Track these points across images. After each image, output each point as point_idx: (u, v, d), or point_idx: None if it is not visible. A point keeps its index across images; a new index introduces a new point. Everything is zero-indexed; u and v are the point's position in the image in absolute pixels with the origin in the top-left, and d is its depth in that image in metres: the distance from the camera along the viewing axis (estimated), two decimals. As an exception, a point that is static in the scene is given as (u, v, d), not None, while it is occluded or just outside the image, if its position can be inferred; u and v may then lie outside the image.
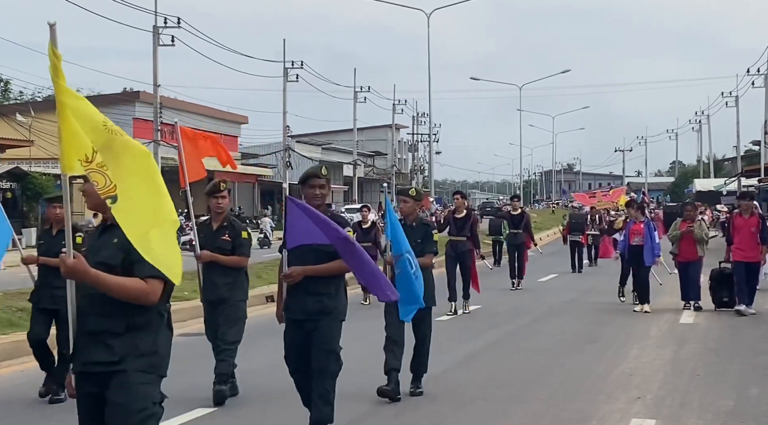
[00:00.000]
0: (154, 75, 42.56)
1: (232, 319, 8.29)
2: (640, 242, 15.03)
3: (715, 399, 8.31)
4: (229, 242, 8.31)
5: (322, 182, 6.75)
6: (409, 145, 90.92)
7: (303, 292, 6.52)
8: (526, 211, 21.97)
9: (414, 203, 8.68)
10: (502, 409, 7.94)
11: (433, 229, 8.67)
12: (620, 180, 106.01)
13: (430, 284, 8.32)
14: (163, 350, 4.22)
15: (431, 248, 8.58)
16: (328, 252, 6.44)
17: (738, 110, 65.26)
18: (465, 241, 15.10)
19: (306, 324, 6.54)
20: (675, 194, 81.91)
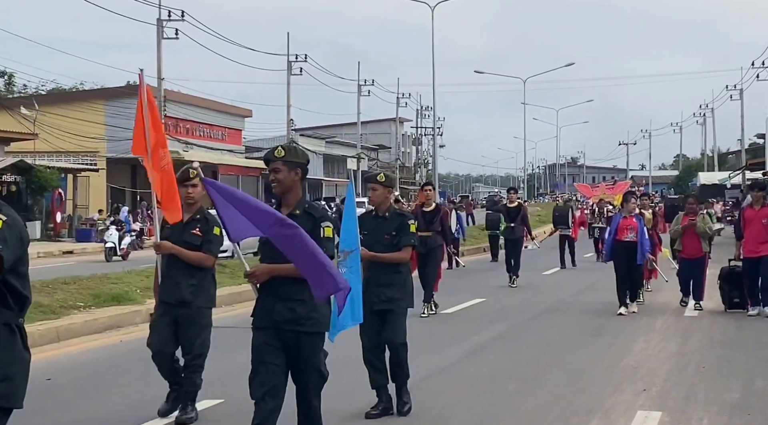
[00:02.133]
0: (158, 68, 42.59)
1: (196, 328, 7.25)
2: (633, 239, 13.83)
3: (721, 392, 8.31)
4: (199, 236, 7.26)
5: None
6: (413, 138, 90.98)
7: (272, 296, 5.46)
8: (523, 204, 20.92)
9: (384, 190, 7.62)
10: (508, 402, 7.95)
11: (410, 219, 7.66)
12: (624, 174, 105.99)
13: (408, 284, 7.61)
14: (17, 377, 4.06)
15: (408, 240, 7.54)
16: None
17: (742, 103, 65.27)
18: (435, 236, 14.06)
19: (281, 333, 5.49)
20: (679, 188, 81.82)
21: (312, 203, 5.73)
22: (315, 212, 5.60)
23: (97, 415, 7.54)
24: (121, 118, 47.38)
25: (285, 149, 5.58)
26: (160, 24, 42.32)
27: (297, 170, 5.57)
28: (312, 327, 5.49)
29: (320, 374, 5.63)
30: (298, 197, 5.63)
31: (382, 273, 7.45)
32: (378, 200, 7.62)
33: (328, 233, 5.53)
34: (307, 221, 5.47)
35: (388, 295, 7.45)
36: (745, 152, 64.01)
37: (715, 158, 79.49)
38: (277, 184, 5.56)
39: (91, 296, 13.64)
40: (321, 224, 5.52)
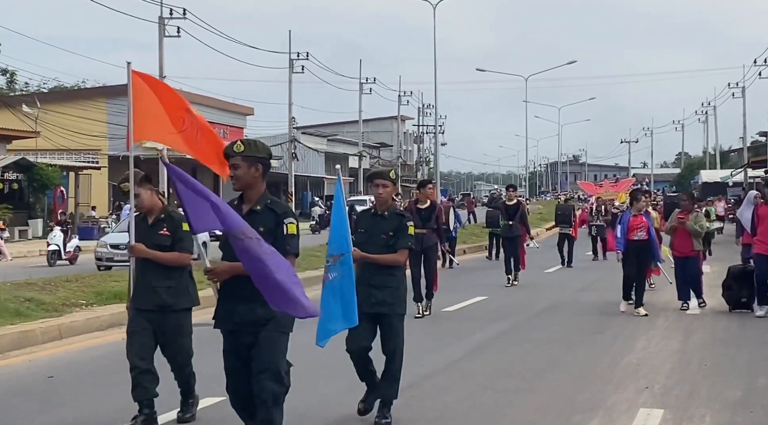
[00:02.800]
0: (160, 66, 42.51)
1: (182, 334, 7.10)
2: (643, 237, 13.48)
3: (724, 389, 8.31)
4: (168, 236, 6.96)
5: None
6: (414, 136, 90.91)
7: (233, 297, 5.26)
8: (522, 201, 20.21)
9: (393, 187, 7.35)
10: (510, 400, 7.95)
11: (408, 220, 7.20)
12: (626, 172, 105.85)
13: (402, 288, 7.18)
14: None
15: (406, 242, 7.08)
16: None
17: (744, 100, 65.18)
18: (430, 234, 13.67)
19: (242, 335, 5.31)
20: (681, 186, 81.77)
21: (275, 199, 5.46)
22: (277, 208, 5.36)
23: (99, 413, 7.54)
24: (123, 116, 46.87)
25: (244, 143, 5.40)
26: (161, 22, 42.27)
27: (257, 165, 5.39)
28: (273, 329, 5.24)
29: (277, 377, 5.26)
30: (260, 192, 5.42)
31: (375, 274, 7.01)
32: (387, 197, 7.26)
33: (292, 229, 5.30)
34: (269, 217, 5.29)
35: (380, 297, 7.00)
36: (747, 149, 63.93)
37: (717, 155, 79.41)
38: (236, 180, 5.36)
39: (93, 294, 13.64)
40: (284, 221, 5.30)
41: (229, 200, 5.59)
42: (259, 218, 5.24)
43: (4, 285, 13.50)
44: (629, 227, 13.47)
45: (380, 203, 7.23)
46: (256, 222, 5.19)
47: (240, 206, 5.40)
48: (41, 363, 9.89)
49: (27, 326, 11.31)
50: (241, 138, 5.60)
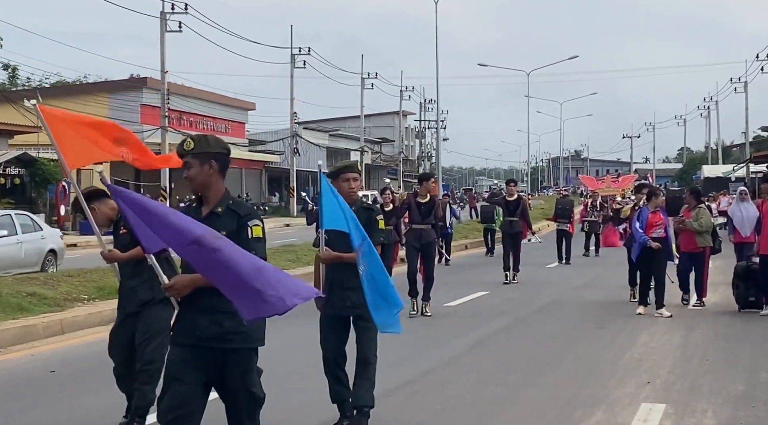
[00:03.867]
0: (162, 61, 42.55)
1: (152, 329, 6.80)
2: (662, 235, 12.94)
3: (725, 384, 8.31)
4: (127, 234, 6.84)
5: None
6: (416, 131, 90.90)
7: (195, 309, 4.75)
8: (523, 196, 19.59)
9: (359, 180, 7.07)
10: (512, 394, 7.95)
11: (377, 214, 6.96)
12: (628, 167, 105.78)
13: None
14: None
15: (377, 238, 6.77)
16: None
17: (747, 95, 65.17)
18: (430, 230, 13.39)
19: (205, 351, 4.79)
20: (683, 181, 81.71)
21: (237, 200, 5.00)
22: (240, 210, 4.88)
23: (100, 407, 7.55)
24: (125, 111, 47.38)
25: (194, 140, 4.92)
26: (163, 17, 42.29)
27: (210, 162, 4.88)
28: (241, 342, 4.79)
29: (252, 396, 4.91)
30: (220, 192, 4.92)
31: (348, 275, 6.58)
32: (356, 191, 6.94)
33: (257, 232, 4.83)
34: (231, 220, 4.83)
35: (354, 300, 6.63)
36: (749, 144, 63.90)
37: (719, 150, 79.36)
38: (190, 181, 4.90)
39: (95, 289, 13.65)
40: (248, 224, 4.83)
41: (186, 205, 5.30)
42: (220, 222, 4.79)
43: (6, 280, 13.52)
44: (648, 224, 12.90)
45: (352, 196, 6.87)
46: (216, 226, 4.73)
47: (198, 209, 4.94)
48: (43, 357, 9.90)
49: (29, 320, 11.33)
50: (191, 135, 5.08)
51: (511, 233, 18.02)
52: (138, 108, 48.36)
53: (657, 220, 12.95)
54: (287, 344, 10.29)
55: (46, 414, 7.37)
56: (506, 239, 18.17)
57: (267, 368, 9.11)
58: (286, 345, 10.31)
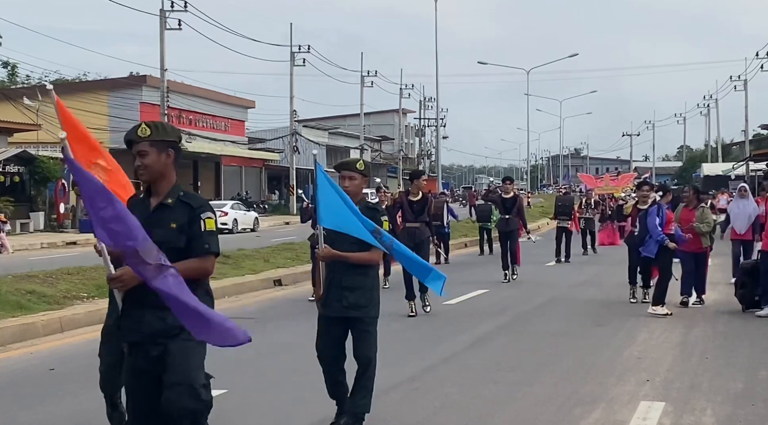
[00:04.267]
0: (161, 59, 42.54)
1: None
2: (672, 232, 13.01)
3: (725, 382, 8.31)
4: None
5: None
6: (416, 130, 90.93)
7: (140, 304, 4.53)
8: (519, 194, 19.49)
9: (362, 179, 6.67)
10: (511, 392, 7.94)
11: (382, 214, 6.62)
12: (628, 165, 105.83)
13: (375, 290, 6.63)
14: None
15: None
16: (178, 248, 4.58)
17: (746, 93, 65.23)
18: (423, 228, 13.33)
19: (150, 348, 4.57)
20: (683, 179, 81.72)
21: (188, 191, 4.76)
22: (193, 201, 4.65)
23: (100, 406, 7.53)
24: (125, 109, 47.40)
25: (151, 127, 4.65)
26: (163, 15, 42.29)
27: (168, 150, 4.66)
28: (187, 336, 4.49)
29: (193, 392, 4.55)
30: (171, 183, 4.69)
31: (346, 275, 6.42)
32: (355, 190, 6.62)
33: (210, 225, 4.62)
34: (183, 212, 4.61)
35: (352, 300, 6.44)
36: (749, 142, 63.91)
37: (718, 148, 79.40)
38: (144, 170, 4.63)
39: (95, 287, 13.65)
40: (201, 216, 4.61)
41: (131, 196, 5.02)
42: (170, 214, 4.58)
43: (6, 278, 13.51)
44: (668, 220, 12.90)
45: (353, 197, 6.54)
46: (167, 218, 4.57)
47: (146, 200, 4.70)
48: (42, 355, 9.90)
49: (28, 318, 11.32)
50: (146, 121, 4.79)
51: (507, 230, 17.96)
52: (137, 106, 48.36)
53: (671, 217, 13.04)
54: (283, 344, 10.29)
55: (46, 412, 7.37)
56: (502, 237, 18.12)
57: (264, 366, 9.14)
58: (281, 346, 10.31)
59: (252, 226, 41.36)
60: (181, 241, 4.59)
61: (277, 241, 24.75)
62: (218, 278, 16.33)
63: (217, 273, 16.76)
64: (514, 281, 17.59)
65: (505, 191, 18.69)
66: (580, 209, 25.14)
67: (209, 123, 55.66)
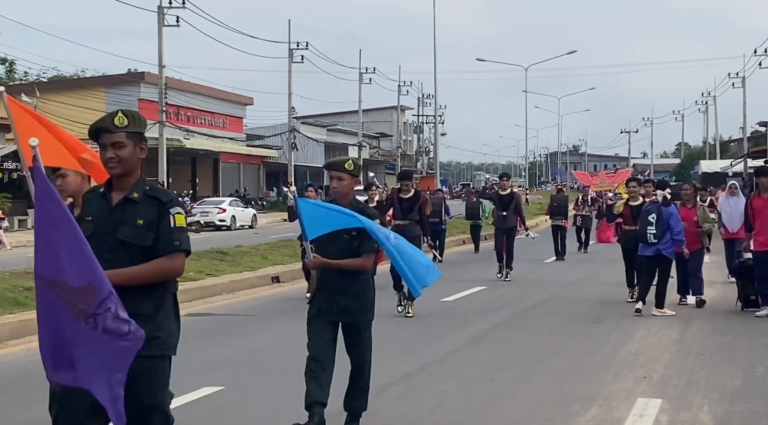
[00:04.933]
0: (159, 56, 42.49)
1: None
2: None
3: (722, 379, 8.31)
4: None
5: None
6: (414, 126, 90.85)
7: None
8: (515, 191, 19.21)
9: (351, 180, 6.42)
10: (509, 389, 7.95)
11: (374, 217, 6.41)
12: (626, 162, 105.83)
13: (368, 293, 6.45)
14: None
15: (371, 245, 6.31)
16: (144, 246, 4.22)
17: (745, 90, 65.15)
18: (413, 226, 13.06)
19: None
20: (681, 176, 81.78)
21: (155, 185, 4.40)
22: (162, 196, 4.29)
23: (97, 402, 7.55)
24: (123, 106, 47.18)
25: (128, 116, 4.32)
26: (161, 11, 42.21)
27: (143, 143, 4.35)
28: (156, 348, 4.15)
29: (164, 416, 4.25)
30: (137, 177, 4.35)
31: (338, 279, 6.28)
32: (345, 191, 6.40)
33: (180, 221, 4.27)
34: (151, 207, 4.26)
35: (343, 305, 6.31)
36: (747, 140, 63.91)
37: (717, 146, 79.37)
38: (118, 164, 4.27)
39: (92, 284, 13.62)
40: (170, 211, 4.25)
41: (88, 190, 4.69)
42: (137, 209, 4.25)
43: (3, 275, 13.50)
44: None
45: (338, 196, 6.41)
46: (132, 214, 4.25)
47: (107, 195, 4.35)
48: (36, 356, 9.87)
49: (26, 315, 11.31)
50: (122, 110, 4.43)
51: (505, 228, 17.70)
52: (136, 103, 48.29)
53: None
54: (280, 341, 10.29)
55: (43, 410, 7.32)
56: (499, 234, 17.85)
57: (261, 363, 9.15)
58: (278, 343, 10.31)
59: (250, 223, 41.36)
60: (148, 238, 4.22)
61: (275, 238, 24.75)
62: (216, 275, 16.34)
63: (215, 270, 16.77)
64: (508, 281, 17.31)
65: (502, 187, 18.47)
66: (577, 205, 24.95)
67: (207, 120, 55.63)
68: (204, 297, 14.46)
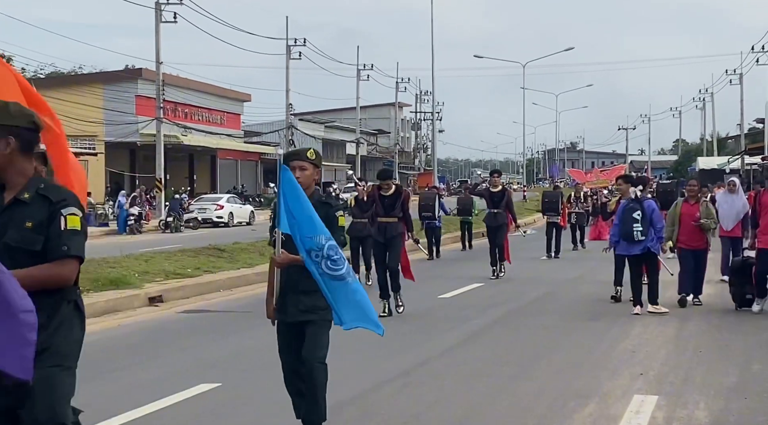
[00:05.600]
0: (157, 52, 42.44)
1: None
2: None
3: (718, 375, 8.33)
4: None
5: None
6: (412, 123, 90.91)
7: None
8: (507, 188, 18.79)
9: (313, 170, 6.09)
10: (505, 386, 7.96)
11: (337, 209, 6.08)
12: (623, 158, 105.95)
13: None
14: None
15: (338, 237, 5.86)
16: (34, 251, 3.90)
17: (742, 87, 65.32)
18: (396, 223, 12.60)
19: None
20: (678, 173, 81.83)
21: (51, 184, 4.12)
22: (52, 195, 3.96)
23: (93, 399, 7.54)
24: (120, 102, 47.32)
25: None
26: (158, 7, 42.18)
27: (8, 138, 3.91)
28: (50, 362, 3.86)
29: None
30: (27, 174, 3.98)
31: (302, 278, 5.83)
32: (307, 182, 5.98)
33: (73, 223, 3.95)
34: (41, 208, 3.92)
35: (309, 304, 5.94)
36: (744, 136, 64.00)
37: (714, 142, 79.46)
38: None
39: (89, 281, 13.63)
40: (61, 212, 3.93)
41: None
42: (26, 211, 3.90)
43: (0, 271, 13.47)
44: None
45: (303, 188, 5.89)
46: (21, 216, 3.90)
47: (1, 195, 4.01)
48: (37, 349, 9.87)
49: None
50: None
51: (495, 225, 17.39)
52: (133, 99, 48.30)
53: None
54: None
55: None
56: (490, 232, 17.54)
57: (258, 361, 9.14)
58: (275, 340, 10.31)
59: (248, 219, 41.34)
60: (37, 243, 3.88)
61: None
62: (213, 271, 16.32)
63: (212, 267, 16.76)
64: (503, 277, 17.16)
65: (493, 184, 17.97)
66: (569, 203, 24.53)
67: (205, 116, 55.61)
68: (201, 294, 14.45)
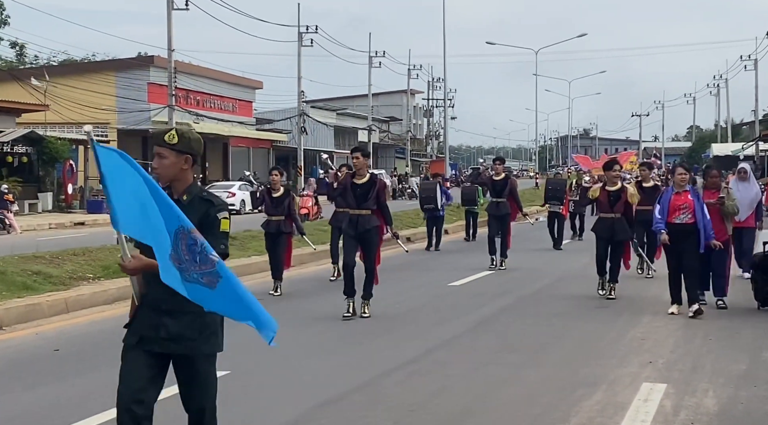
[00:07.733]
0: (169, 39, 42.43)
1: None
2: (689, 220, 11.04)
3: (727, 363, 8.31)
4: None
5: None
6: (424, 110, 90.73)
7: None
8: (510, 176, 18.01)
9: (176, 157, 4.54)
10: (513, 374, 7.96)
11: (219, 210, 4.49)
12: (637, 145, 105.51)
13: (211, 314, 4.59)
14: None
15: (218, 245, 4.39)
16: None
17: (757, 73, 64.85)
18: (369, 216, 11.03)
19: None
20: (692, 159, 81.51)
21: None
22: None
23: (104, 387, 7.57)
24: (133, 89, 47.37)
25: None
26: (170, -5, 42.11)
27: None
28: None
29: None
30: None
31: (168, 293, 4.33)
32: (165, 172, 4.59)
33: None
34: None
35: (174, 330, 4.50)
36: (758, 122, 63.64)
37: (728, 129, 79.08)
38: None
39: (101, 268, 13.69)
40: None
41: None
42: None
43: (12, 258, 13.56)
44: (671, 207, 11.12)
45: (161, 181, 4.56)
46: None
47: None
48: (48, 336, 9.95)
49: (34, 299, 11.37)
50: None
51: (498, 215, 16.79)
52: (145, 86, 48.32)
53: (682, 202, 11.12)
54: (287, 325, 10.32)
55: (50, 393, 7.41)
56: (492, 221, 16.96)
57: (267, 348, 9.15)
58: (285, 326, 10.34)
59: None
60: None
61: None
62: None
63: (223, 254, 16.77)
64: (510, 267, 16.65)
65: (495, 172, 17.39)
66: (571, 190, 23.71)
67: (217, 104, 55.61)
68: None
